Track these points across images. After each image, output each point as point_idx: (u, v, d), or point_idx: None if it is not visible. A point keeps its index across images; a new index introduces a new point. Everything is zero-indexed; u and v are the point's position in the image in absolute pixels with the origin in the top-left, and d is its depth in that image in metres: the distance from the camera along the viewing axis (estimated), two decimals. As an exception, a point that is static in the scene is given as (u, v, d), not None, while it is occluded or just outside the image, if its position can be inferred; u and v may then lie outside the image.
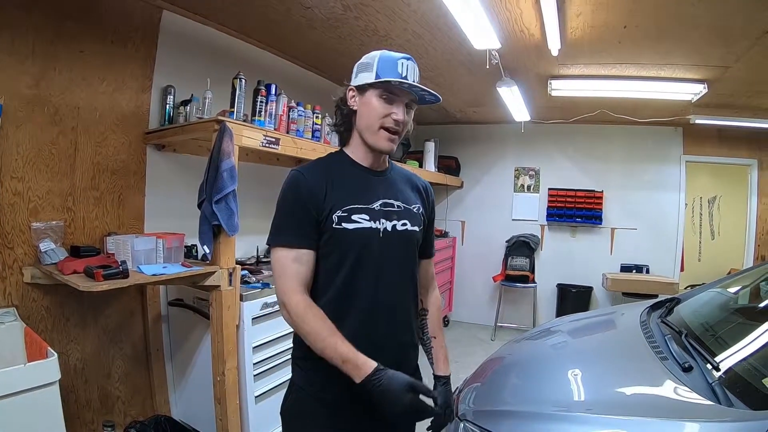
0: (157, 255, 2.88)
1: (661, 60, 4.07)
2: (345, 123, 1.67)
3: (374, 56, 1.57)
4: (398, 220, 1.62)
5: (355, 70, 1.63)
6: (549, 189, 7.15)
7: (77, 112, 2.96)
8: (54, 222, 2.83)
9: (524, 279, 6.92)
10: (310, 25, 3.63)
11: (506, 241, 7.27)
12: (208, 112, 3.16)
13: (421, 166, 6.34)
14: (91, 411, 3.08)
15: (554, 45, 3.59)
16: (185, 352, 3.46)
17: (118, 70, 3.17)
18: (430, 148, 6.60)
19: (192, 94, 3.30)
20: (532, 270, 7.05)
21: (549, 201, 7.12)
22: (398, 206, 1.65)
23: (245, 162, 3.13)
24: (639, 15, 3.25)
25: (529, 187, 7.32)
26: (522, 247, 7.15)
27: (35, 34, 2.71)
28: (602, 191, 6.86)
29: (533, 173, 7.29)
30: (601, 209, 6.85)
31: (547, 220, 7.16)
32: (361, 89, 1.58)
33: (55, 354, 2.09)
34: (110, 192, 3.16)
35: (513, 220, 7.37)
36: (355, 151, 1.67)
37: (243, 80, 3.00)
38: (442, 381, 1.81)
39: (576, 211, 6.93)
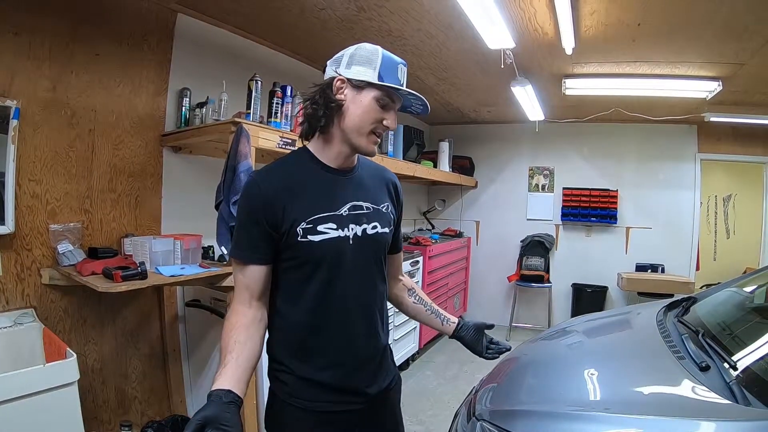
0: (175, 256, 2.91)
1: (675, 57, 4.05)
2: (326, 116, 1.47)
3: (376, 52, 1.44)
4: (368, 224, 1.55)
5: (345, 58, 1.46)
6: (564, 188, 7.13)
7: (94, 115, 2.98)
8: (72, 224, 2.86)
9: (539, 279, 6.92)
10: (324, 26, 3.64)
11: (521, 241, 7.25)
12: (224, 114, 3.18)
13: (435, 166, 6.34)
14: (108, 411, 3.12)
15: (568, 43, 3.57)
16: (202, 353, 3.48)
17: (134, 72, 3.20)
18: (445, 148, 6.59)
19: (208, 96, 3.31)
20: (547, 270, 7.04)
21: (564, 200, 7.09)
22: (367, 208, 1.56)
23: (262, 163, 3.11)
24: (652, 12, 3.23)
25: (543, 187, 7.29)
26: (537, 246, 7.13)
27: (52, 38, 2.74)
28: (617, 190, 6.82)
29: (548, 173, 7.26)
30: (615, 208, 6.81)
31: (561, 219, 7.13)
32: (356, 85, 1.43)
33: (74, 354, 2.12)
34: (127, 194, 3.19)
35: (528, 219, 7.35)
36: (325, 151, 1.53)
37: (259, 82, 3.01)
38: (460, 323, 1.99)
39: (591, 210, 6.89)
